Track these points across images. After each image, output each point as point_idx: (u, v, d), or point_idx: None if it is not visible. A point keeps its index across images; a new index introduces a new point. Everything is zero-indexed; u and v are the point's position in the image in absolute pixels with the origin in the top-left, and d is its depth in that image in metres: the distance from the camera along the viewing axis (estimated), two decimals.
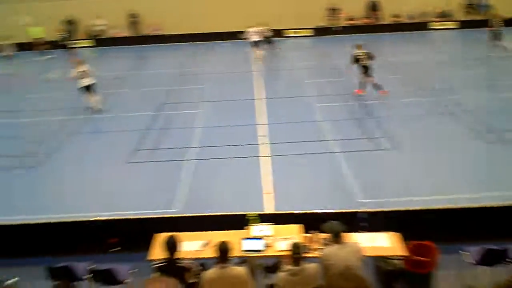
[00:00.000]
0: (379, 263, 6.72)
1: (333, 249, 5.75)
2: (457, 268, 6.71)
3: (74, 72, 14.86)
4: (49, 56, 24.26)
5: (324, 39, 25.75)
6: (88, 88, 14.93)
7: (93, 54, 25.72)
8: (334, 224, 5.90)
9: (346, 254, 5.66)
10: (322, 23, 27.13)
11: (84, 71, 14.78)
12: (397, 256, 6.48)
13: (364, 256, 5.84)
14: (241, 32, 23.39)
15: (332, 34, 26.29)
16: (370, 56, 14.95)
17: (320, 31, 26.74)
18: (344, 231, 5.85)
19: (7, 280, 5.27)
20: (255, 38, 21.96)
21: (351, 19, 27.22)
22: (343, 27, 26.74)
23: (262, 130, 12.76)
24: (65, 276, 6.23)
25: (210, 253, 6.29)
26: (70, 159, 11.81)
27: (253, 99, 15.55)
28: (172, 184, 10.01)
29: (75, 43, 26.87)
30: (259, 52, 21.90)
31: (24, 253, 7.78)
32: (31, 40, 24.79)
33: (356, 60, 15.01)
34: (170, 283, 1.94)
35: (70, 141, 12.90)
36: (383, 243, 6.51)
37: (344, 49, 15.13)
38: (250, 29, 22.10)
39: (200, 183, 10.08)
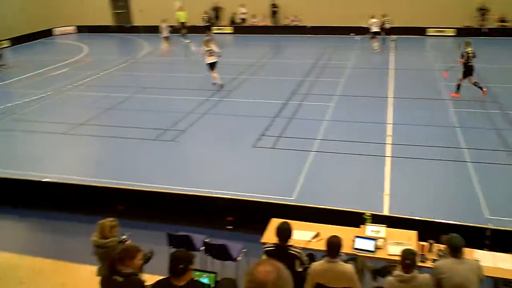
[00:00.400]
0: (500, 286, 6.23)
1: (448, 262, 5.44)
2: None
3: (203, 50, 16.39)
4: (189, 40, 25.81)
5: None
6: (212, 65, 16.36)
7: (230, 41, 26.89)
8: (455, 237, 5.56)
9: (464, 270, 5.33)
10: (468, 23, 25.40)
11: (211, 49, 16.23)
12: None
13: (483, 275, 5.45)
14: (383, 28, 23.08)
15: (478, 36, 24.48)
16: (474, 55, 14.24)
17: (464, 32, 25.03)
18: (464, 246, 5.51)
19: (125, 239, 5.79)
20: (375, 29, 22.24)
21: (503, 21, 25.06)
22: (490, 28, 24.77)
23: (389, 130, 12.40)
24: (183, 244, 6.65)
25: (320, 245, 6.33)
26: (201, 137, 12.54)
27: (386, 97, 15.13)
28: (293, 173, 10.16)
29: (216, 29, 28.30)
30: (377, 43, 22.04)
31: (149, 218, 8.50)
32: (176, 24, 26.57)
33: (467, 58, 14.23)
34: (279, 267, 1.98)
35: (204, 120, 13.68)
36: (507, 265, 6.01)
37: (488, 53, 14.00)
38: (371, 20, 22.20)
39: (320, 175, 10.12)
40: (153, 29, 28.20)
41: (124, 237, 5.70)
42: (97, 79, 18.98)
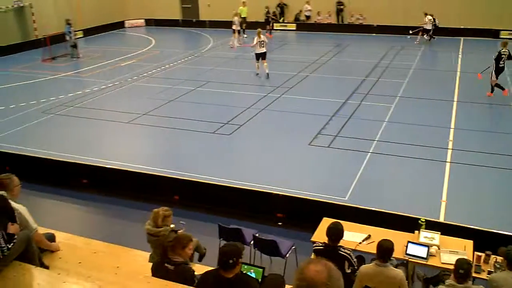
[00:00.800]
0: None
1: (504, 275, 5.23)
2: None
3: (255, 41, 17.50)
4: (246, 36, 25.97)
5: None
6: (261, 56, 17.67)
7: (294, 38, 26.89)
8: None
9: None
10: None
11: (262, 41, 17.48)
12: None
13: None
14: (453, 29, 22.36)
15: None
16: (510, 56, 14.59)
17: None
18: None
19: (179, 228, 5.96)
20: (428, 26, 23.31)
21: None
22: None
23: (451, 134, 12.00)
24: (234, 237, 6.76)
25: (370, 248, 6.26)
26: (258, 132, 12.65)
27: (450, 101, 14.64)
28: (347, 173, 10.04)
29: (280, 25, 28.38)
30: (425, 38, 23.08)
31: (202, 209, 8.70)
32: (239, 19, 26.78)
33: (499, 58, 14.61)
34: (331, 267, 1.95)
35: (262, 115, 13.78)
36: None
37: None
38: (428, 17, 23.21)
39: (375, 177, 9.94)
40: (218, 24, 28.74)
41: (172, 226, 5.86)
42: (162, 71, 19.55)
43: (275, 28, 27.97)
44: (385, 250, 5.44)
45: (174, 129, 12.92)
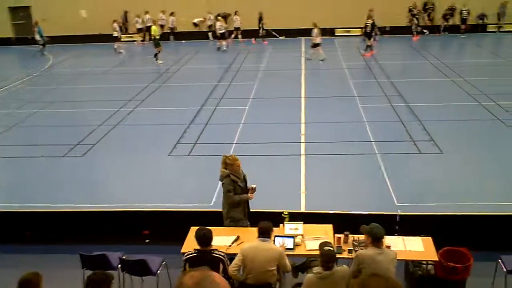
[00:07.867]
0: (410, 268, 6.56)
1: (369, 253, 5.58)
2: (492, 276, 6.47)
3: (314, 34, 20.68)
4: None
5: None
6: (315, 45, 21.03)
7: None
8: (376, 227, 5.68)
9: (384, 261, 5.48)
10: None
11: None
12: (428, 261, 6.31)
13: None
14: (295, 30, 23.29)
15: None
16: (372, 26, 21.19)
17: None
18: (384, 236, 5.69)
19: None
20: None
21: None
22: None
23: (303, 128, 12.72)
24: (99, 265, 6.34)
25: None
26: (113, 149, 12.12)
27: (299, 97, 15.51)
28: (210, 179, 10.00)
29: (126, 37, 27.72)
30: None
31: (57, 241, 7.99)
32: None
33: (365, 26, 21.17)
34: (207, 271, 1.91)
35: (115, 132, 13.21)
36: (415, 247, 6.32)
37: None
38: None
39: None
40: (56, 39, 26.89)
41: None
42: None
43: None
44: (264, 229, 5.91)
45: (17, 158, 11.73)
